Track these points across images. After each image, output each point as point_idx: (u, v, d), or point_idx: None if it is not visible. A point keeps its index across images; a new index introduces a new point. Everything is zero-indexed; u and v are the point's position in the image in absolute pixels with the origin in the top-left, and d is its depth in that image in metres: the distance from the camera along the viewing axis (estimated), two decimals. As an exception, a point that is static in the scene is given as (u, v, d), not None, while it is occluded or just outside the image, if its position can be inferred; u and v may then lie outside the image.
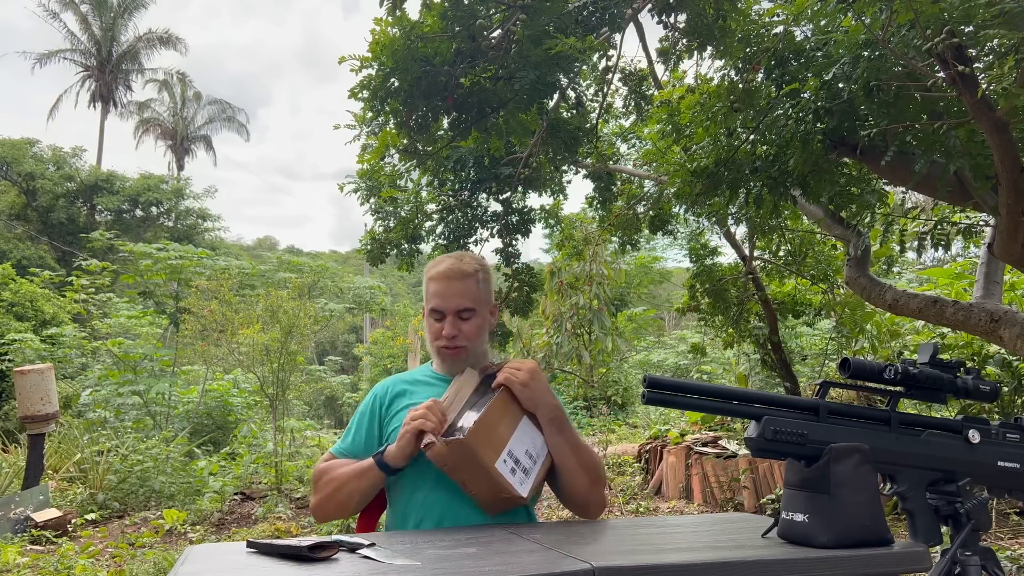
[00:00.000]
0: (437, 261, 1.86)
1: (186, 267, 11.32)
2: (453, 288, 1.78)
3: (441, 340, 1.79)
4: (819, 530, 1.27)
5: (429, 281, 1.82)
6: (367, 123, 4.20)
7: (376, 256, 5.43)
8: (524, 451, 1.63)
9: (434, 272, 1.82)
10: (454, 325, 1.77)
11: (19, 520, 5.94)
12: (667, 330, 20.87)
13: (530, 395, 1.67)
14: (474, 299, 1.79)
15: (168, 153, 32.54)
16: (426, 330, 1.85)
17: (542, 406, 1.68)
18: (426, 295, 1.83)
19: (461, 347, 1.78)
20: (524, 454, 1.62)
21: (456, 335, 1.77)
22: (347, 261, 31.54)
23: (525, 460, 1.62)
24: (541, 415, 1.68)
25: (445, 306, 1.78)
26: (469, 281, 1.80)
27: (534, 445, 1.66)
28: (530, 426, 1.67)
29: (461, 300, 1.78)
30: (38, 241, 21.79)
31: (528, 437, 1.66)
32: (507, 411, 1.64)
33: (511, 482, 1.56)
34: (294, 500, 7.17)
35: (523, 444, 1.63)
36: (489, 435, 1.56)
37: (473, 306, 1.79)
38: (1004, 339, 3.57)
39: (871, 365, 1.36)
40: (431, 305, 1.80)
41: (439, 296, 1.79)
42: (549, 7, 3.34)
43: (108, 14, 28.75)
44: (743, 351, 9.34)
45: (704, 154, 3.70)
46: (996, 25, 2.33)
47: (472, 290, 1.79)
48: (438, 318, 1.79)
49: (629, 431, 10.91)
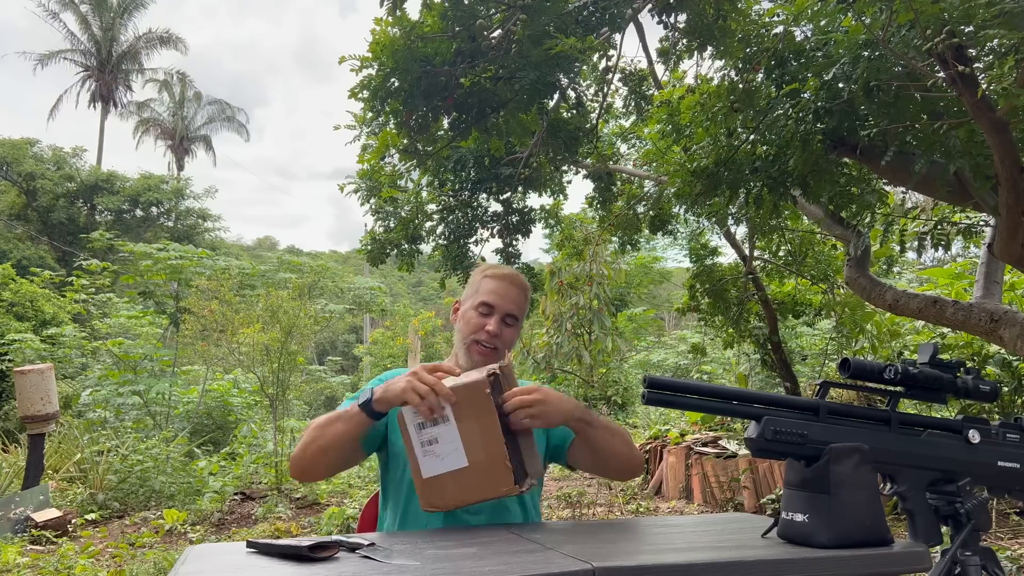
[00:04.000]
0: (497, 266, 1.94)
1: (186, 267, 11.32)
2: (510, 292, 1.84)
3: (481, 334, 1.80)
4: (819, 530, 1.27)
5: (485, 278, 1.86)
6: (367, 123, 4.20)
7: (376, 256, 5.44)
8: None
9: (493, 272, 1.88)
10: (499, 325, 1.80)
11: (19, 520, 5.94)
12: (667, 330, 20.87)
13: (549, 420, 1.62)
14: (520, 310, 1.86)
15: (168, 153, 32.55)
16: (463, 323, 1.84)
17: (566, 421, 1.65)
18: (476, 290, 1.85)
19: (496, 348, 1.80)
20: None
21: (498, 335, 1.80)
22: (347, 261, 31.54)
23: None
24: (571, 427, 1.67)
25: (498, 303, 1.81)
26: (523, 293, 1.87)
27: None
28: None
29: (513, 306, 1.83)
30: (38, 241, 21.79)
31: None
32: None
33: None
34: (294, 500, 7.17)
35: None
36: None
37: (519, 316, 1.85)
38: (1004, 339, 3.57)
39: (871, 365, 1.36)
40: (483, 299, 1.82)
41: (495, 293, 1.82)
42: (549, 7, 3.34)
43: (108, 14, 28.74)
44: (743, 351, 9.34)
45: (704, 154, 3.70)
46: (996, 25, 2.33)
47: (521, 302, 1.86)
48: (485, 312, 1.81)
49: (629, 431, 10.90)
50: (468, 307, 1.85)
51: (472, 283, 1.90)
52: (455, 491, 1.52)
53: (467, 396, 1.52)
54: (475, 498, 1.55)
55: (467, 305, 1.86)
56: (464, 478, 1.52)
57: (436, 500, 1.53)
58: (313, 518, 6.42)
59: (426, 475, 1.52)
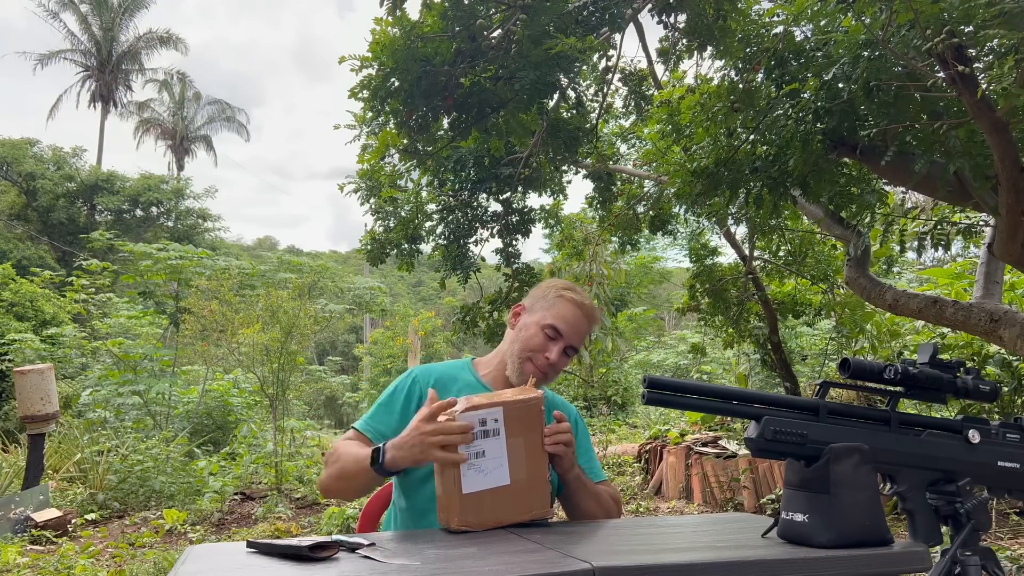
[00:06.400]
0: (577, 290, 1.84)
1: (186, 267, 11.31)
2: (582, 325, 1.79)
3: (540, 359, 1.75)
4: (819, 530, 1.27)
5: (562, 300, 1.79)
6: (367, 123, 4.21)
7: (376, 256, 5.44)
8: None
9: (572, 298, 1.80)
10: (560, 355, 1.76)
11: (19, 520, 5.94)
12: (667, 330, 20.86)
13: (570, 458, 1.63)
14: (582, 343, 1.82)
15: (168, 153, 32.56)
16: (525, 336, 1.78)
17: (572, 468, 1.66)
18: (549, 308, 1.79)
19: (549, 376, 1.77)
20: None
21: (556, 365, 1.76)
22: (347, 261, 31.53)
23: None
24: (568, 479, 1.68)
25: (567, 332, 1.77)
26: (592, 326, 1.83)
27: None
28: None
29: (579, 339, 1.80)
30: (38, 241, 21.79)
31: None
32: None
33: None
34: (294, 500, 7.17)
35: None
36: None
37: (579, 348, 1.82)
38: (1004, 339, 3.57)
39: (871, 365, 1.36)
40: (554, 322, 1.76)
41: (568, 323, 1.77)
42: (549, 7, 3.34)
43: (108, 14, 28.74)
44: (743, 351, 9.34)
45: (704, 154, 3.70)
46: (996, 25, 2.33)
47: (586, 335, 1.83)
48: (552, 336, 1.76)
49: (629, 431, 10.90)
50: (535, 321, 1.79)
51: (545, 296, 1.82)
52: (492, 509, 1.45)
53: (522, 412, 1.48)
54: (510, 518, 1.48)
55: (534, 318, 1.79)
56: (503, 497, 1.46)
57: (471, 518, 1.44)
58: (313, 518, 6.42)
59: (467, 491, 1.43)
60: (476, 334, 5.61)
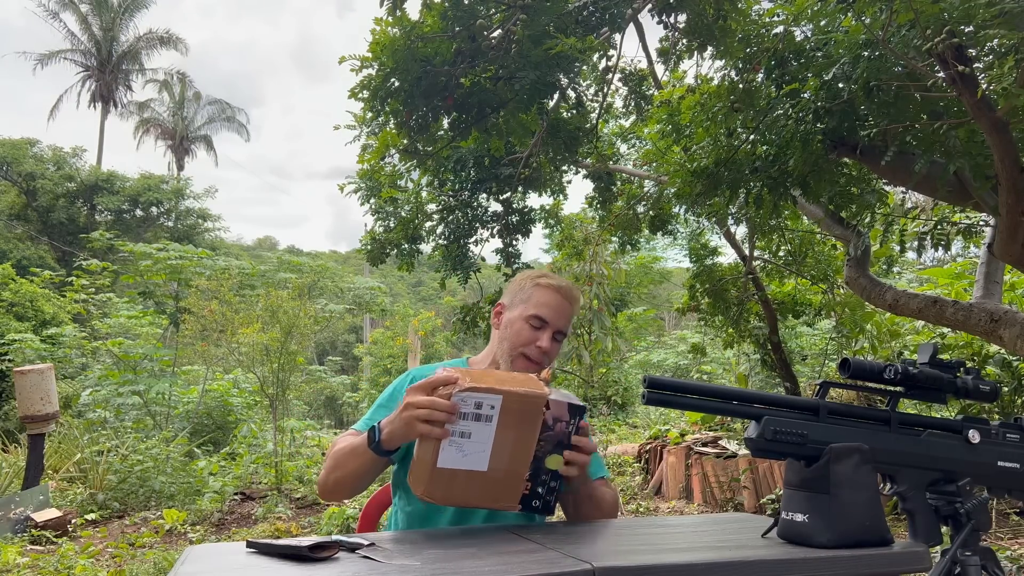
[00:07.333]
0: (550, 275, 1.84)
1: (186, 267, 11.32)
2: (564, 308, 1.79)
3: (531, 349, 1.75)
4: (819, 530, 1.27)
5: (539, 289, 1.79)
6: (367, 123, 4.21)
7: (376, 256, 5.44)
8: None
9: (549, 283, 1.80)
10: (550, 341, 1.76)
11: (19, 520, 5.94)
12: (667, 330, 20.87)
13: (581, 478, 1.61)
14: (569, 325, 1.81)
15: (168, 153, 32.56)
16: (511, 333, 1.78)
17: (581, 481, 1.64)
18: (528, 300, 1.79)
19: (541, 363, 1.76)
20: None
21: (548, 351, 1.76)
22: (347, 261, 31.54)
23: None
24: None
25: (552, 319, 1.77)
26: (574, 307, 1.82)
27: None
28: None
29: (565, 322, 1.79)
30: (38, 241, 21.80)
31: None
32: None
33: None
34: (294, 500, 7.17)
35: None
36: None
37: (567, 331, 1.80)
38: (1004, 339, 3.57)
39: (871, 365, 1.36)
40: (536, 312, 1.76)
41: (550, 308, 1.77)
42: (549, 7, 3.34)
43: (108, 14, 28.75)
44: (743, 351, 9.34)
45: (704, 154, 3.70)
46: (996, 25, 2.33)
47: (571, 316, 1.82)
48: (538, 326, 1.76)
49: (629, 431, 10.90)
50: (517, 316, 1.79)
51: (522, 289, 1.82)
52: (460, 490, 1.46)
53: (522, 405, 1.45)
54: (476, 503, 1.51)
55: (516, 313, 1.79)
56: (475, 481, 1.46)
57: (437, 493, 1.46)
58: (313, 518, 6.42)
59: (441, 465, 1.44)
60: (476, 334, 5.61)
